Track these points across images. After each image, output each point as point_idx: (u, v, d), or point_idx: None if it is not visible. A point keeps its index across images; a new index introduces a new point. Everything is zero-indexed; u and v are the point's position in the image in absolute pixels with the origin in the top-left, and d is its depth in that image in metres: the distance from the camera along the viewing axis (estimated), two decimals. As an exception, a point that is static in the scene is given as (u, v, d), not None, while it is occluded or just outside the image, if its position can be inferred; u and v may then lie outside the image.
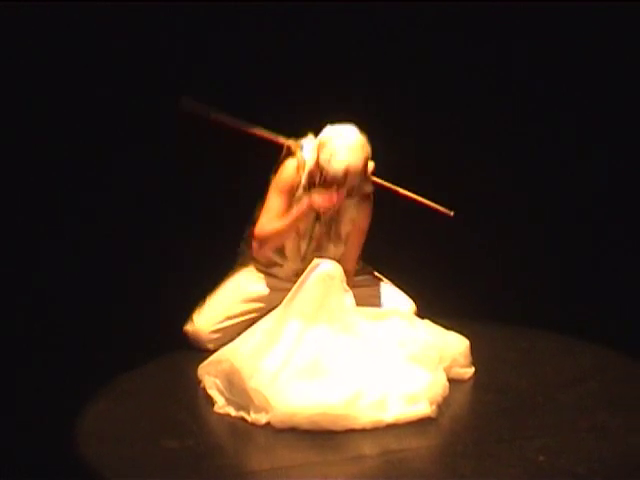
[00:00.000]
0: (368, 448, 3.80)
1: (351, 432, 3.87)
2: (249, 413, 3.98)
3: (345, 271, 4.33)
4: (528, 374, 4.43)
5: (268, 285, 4.69)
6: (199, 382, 4.26)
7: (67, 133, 5.42)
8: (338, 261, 4.37)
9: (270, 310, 4.36)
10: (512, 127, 5.78)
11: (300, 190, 4.52)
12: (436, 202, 4.79)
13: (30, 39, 5.25)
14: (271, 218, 4.51)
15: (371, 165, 4.51)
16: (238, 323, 4.60)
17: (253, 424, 3.95)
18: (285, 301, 4.23)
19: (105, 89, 5.42)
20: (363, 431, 3.88)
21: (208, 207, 5.50)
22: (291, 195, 4.53)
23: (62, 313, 4.99)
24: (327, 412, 3.88)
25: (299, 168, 4.53)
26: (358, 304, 4.32)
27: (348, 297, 4.28)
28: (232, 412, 4.05)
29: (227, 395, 4.09)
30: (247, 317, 4.62)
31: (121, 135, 5.47)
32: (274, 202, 4.52)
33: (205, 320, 4.65)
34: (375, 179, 4.61)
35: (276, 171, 4.58)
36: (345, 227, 4.61)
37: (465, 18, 5.66)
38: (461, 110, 5.75)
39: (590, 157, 5.77)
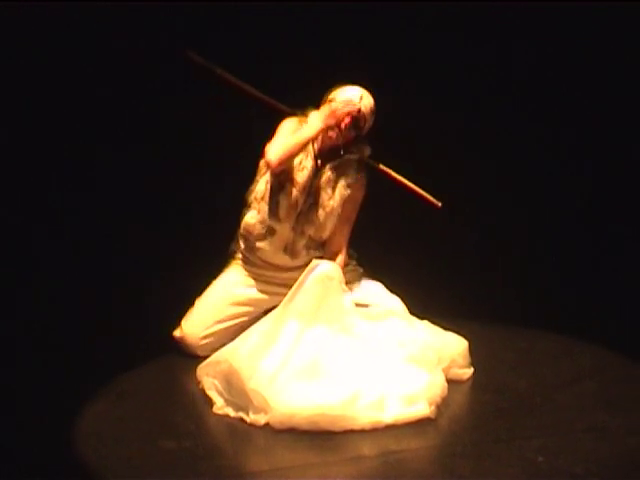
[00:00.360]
0: (367, 449, 3.80)
1: (350, 433, 3.87)
2: (248, 414, 3.99)
3: (334, 248, 4.45)
4: (527, 374, 4.43)
5: (256, 288, 4.69)
6: (198, 383, 4.27)
7: (66, 133, 5.42)
8: (326, 238, 4.50)
9: (259, 313, 4.43)
10: (512, 126, 5.78)
11: None
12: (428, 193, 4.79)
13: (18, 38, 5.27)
14: (282, 139, 4.51)
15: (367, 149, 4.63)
16: (227, 327, 4.61)
17: (252, 425, 3.95)
18: (284, 302, 4.23)
19: (105, 89, 5.43)
20: (362, 432, 3.88)
21: (208, 208, 5.50)
22: (293, 127, 4.57)
23: (61, 313, 4.99)
24: (326, 413, 3.88)
25: (301, 121, 4.58)
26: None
27: (347, 298, 4.29)
28: (231, 413, 4.05)
29: (226, 396, 4.10)
30: (237, 321, 4.63)
31: (121, 135, 5.48)
32: (282, 134, 4.54)
33: (193, 325, 4.63)
34: (370, 161, 4.66)
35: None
36: (340, 190, 4.60)
37: (464, 18, 5.66)
38: (461, 110, 5.75)
39: (590, 157, 5.78)
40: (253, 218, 4.64)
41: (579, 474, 3.56)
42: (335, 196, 4.58)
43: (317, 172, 4.59)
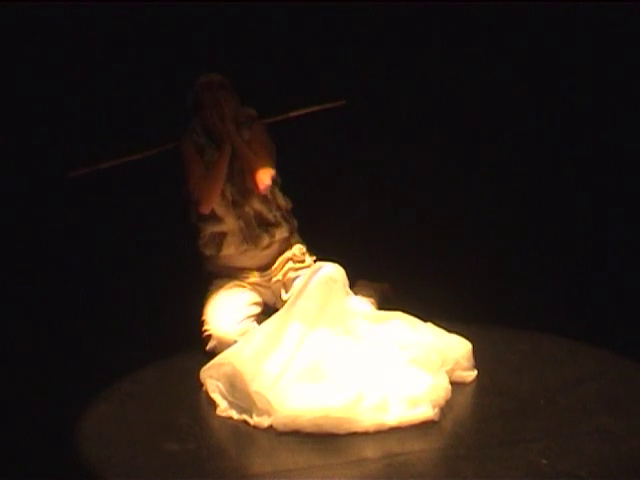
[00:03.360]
0: (370, 451, 3.80)
1: (353, 435, 3.87)
2: (251, 416, 3.99)
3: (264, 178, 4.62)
4: (530, 377, 4.43)
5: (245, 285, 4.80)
6: (201, 385, 4.27)
7: (67, 134, 5.43)
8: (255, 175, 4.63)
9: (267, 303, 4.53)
10: (512, 126, 5.78)
11: (196, 140, 4.75)
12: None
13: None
14: (197, 178, 4.69)
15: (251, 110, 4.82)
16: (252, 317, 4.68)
17: (255, 427, 3.95)
18: (287, 304, 4.24)
19: (104, 89, 5.44)
20: (365, 434, 3.88)
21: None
22: (191, 149, 4.74)
23: (64, 316, 5.00)
24: (329, 415, 3.88)
25: (188, 135, 4.76)
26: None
27: (350, 300, 4.29)
28: (234, 415, 4.05)
29: (229, 398, 4.10)
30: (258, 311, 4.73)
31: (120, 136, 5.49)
32: (191, 167, 4.71)
33: (225, 326, 4.60)
34: (262, 120, 4.82)
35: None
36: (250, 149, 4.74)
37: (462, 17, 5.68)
38: (460, 109, 5.75)
39: (590, 158, 5.78)
40: (203, 239, 4.80)
41: (583, 476, 3.55)
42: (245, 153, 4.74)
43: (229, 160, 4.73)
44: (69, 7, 5.32)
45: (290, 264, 4.77)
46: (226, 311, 4.64)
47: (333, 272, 4.26)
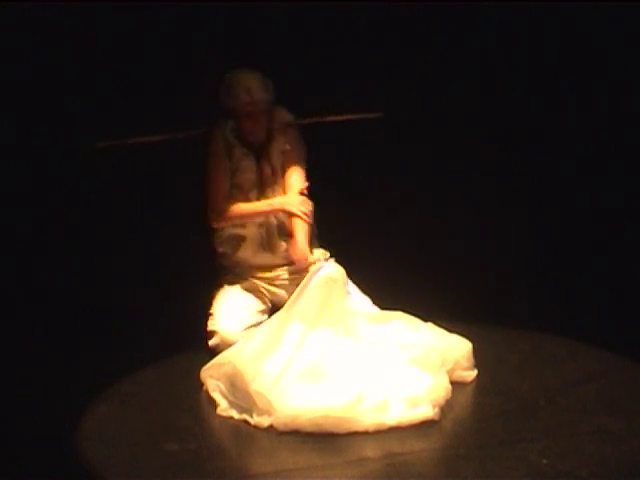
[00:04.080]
0: (371, 451, 3.80)
1: (353, 435, 3.87)
2: (252, 416, 3.99)
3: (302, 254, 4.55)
4: (530, 377, 4.43)
5: (253, 287, 4.76)
6: (202, 385, 4.27)
7: (66, 135, 5.43)
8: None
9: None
10: (511, 125, 5.78)
11: (227, 139, 4.68)
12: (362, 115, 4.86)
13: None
14: (221, 190, 4.67)
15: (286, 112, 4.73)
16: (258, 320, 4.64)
17: (256, 427, 3.96)
18: (287, 304, 4.24)
19: (104, 90, 5.44)
20: (365, 434, 3.88)
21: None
22: (219, 147, 4.69)
23: (64, 315, 5.00)
24: (330, 415, 3.88)
25: (220, 129, 4.69)
26: None
27: (350, 300, 4.29)
28: (235, 415, 4.05)
29: (230, 398, 4.10)
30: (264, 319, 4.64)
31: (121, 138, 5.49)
32: (216, 175, 4.68)
33: (229, 325, 4.59)
34: (296, 121, 4.76)
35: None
36: (277, 160, 4.71)
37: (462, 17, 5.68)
38: (460, 109, 5.75)
39: (590, 158, 5.77)
40: (219, 238, 4.78)
41: (583, 476, 3.56)
42: (275, 163, 4.72)
43: (258, 165, 4.70)
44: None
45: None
46: (235, 313, 4.63)
47: (333, 272, 4.26)
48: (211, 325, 4.62)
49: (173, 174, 5.33)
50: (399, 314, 4.50)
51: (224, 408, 4.09)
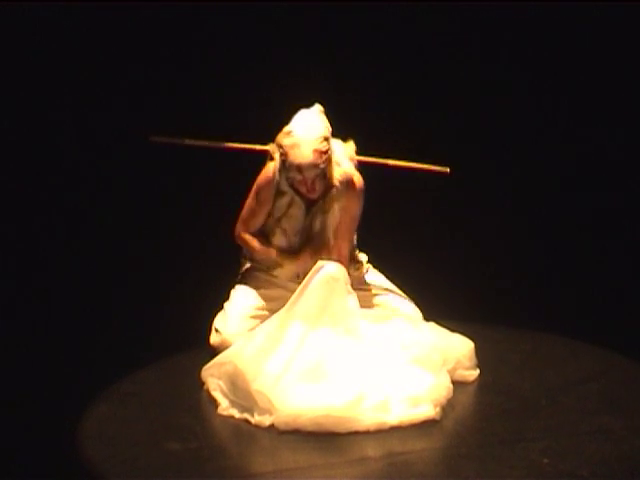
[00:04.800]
0: (372, 450, 3.80)
1: (355, 434, 3.87)
2: (253, 415, 3.99)
3: (335, 257, 4.40)
4: (531, 376, 4.43)
5: (278, 286, 4.63)
6: (202, 384, 4.26)
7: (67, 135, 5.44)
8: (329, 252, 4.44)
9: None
10: (511, 125, 5.78)
11: (280, 184, 4.50)
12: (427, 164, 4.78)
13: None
14: (246, 219, 4.57)
15: (351, 146, 4.56)
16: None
17: (257, 426, 3.95)
18: (288, 303, 4.23)
19: (105, 91, 5.44)
20: (367, 433, 3.88)
21: (209, 210, 5.50)
22: (267, 193, 4.52)
23: (64, 315, 5.00)
24: (331, 414, 3.88)
25: (275, 169, 4.50)
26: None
27: (352, 299, 4.28)
28: (236, 414, 4.05)
29: (231, 397, 4.10)
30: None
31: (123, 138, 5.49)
32: (250, 203, 4.55)
33: (231, 327, 4.53)
34: (360, 158, 4.60)
35: None
36: (335, 219, 4.54)
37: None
38: (461, 109, 5.75)
39: (590, 158, 5.77)
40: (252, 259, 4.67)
41: (584, 476, 3.55)
42: (331, 221, 4.55)
43: (308, 212, 4.53)
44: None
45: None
46: (246, 321, 4.55)
47: (334, 271, 4.25)
48: (218, 322, 4.59)
49: (189, 175, 5.35)
50: (400, 313, 4.50)
51: (225, 407, 4.09)
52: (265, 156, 4.56)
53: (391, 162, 4.70)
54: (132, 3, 5.32)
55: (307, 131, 4.34)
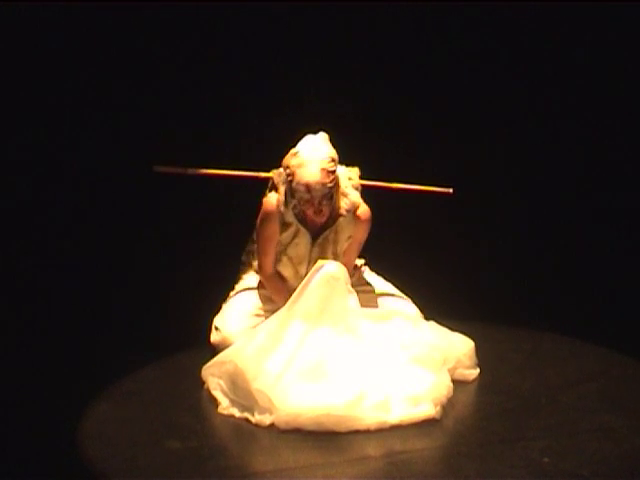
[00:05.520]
0: (372, 449, 3.80)
1: (355, 433, 3.87)
2: (253, 414, 3.99)
3: None
4: (531, 375, 4.43)
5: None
6: (203, 383, 4.26)
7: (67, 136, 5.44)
8: None
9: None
10: (511, 125, 5.78)
11: (284, 216, 4.47)
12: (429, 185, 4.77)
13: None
14: (262, 263, 4.53)
15: (355, 172, 4.54)
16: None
17: (257, 425, 3.95)
18: (289, 302, 4.23)
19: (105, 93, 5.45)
20: (367, 432, 3.88)
21: (209, 208, 5.51)
22: (273, 227, 4.48)
23: (64, 314, 5.00)
24: (331, 413, 3.88)
25: (278, 202, 4.47)
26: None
27: (352, 298, 4.28)
28: (236, 413, 4.05)
29: (231, 396, 4.10)
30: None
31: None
32: (262, 247, 4.52)
33: (232, 326, 4.54)
34: (363, 182, 4.58)
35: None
36: (343, 246, 4.54)
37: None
38: (461, 109, 5.75)
39: (590, 158, 5.78)
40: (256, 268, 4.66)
41: (584, 475, 3.55)
42: (338, 250, 4.54)
43: (314, 243, 4.51)
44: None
45: None
46: (246, 320, 4.56)
47: (335, 270, 4.25)
48: (218, 321, 4.59)
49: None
50: (400, 312, 4.51)
51: (225, 406, 4.09)
52: (265, 185, 4.57)
53: (395, 185, 4.71)
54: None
55: (314, 151, 4.35)
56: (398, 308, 4.59)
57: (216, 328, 4.57)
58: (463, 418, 4.07)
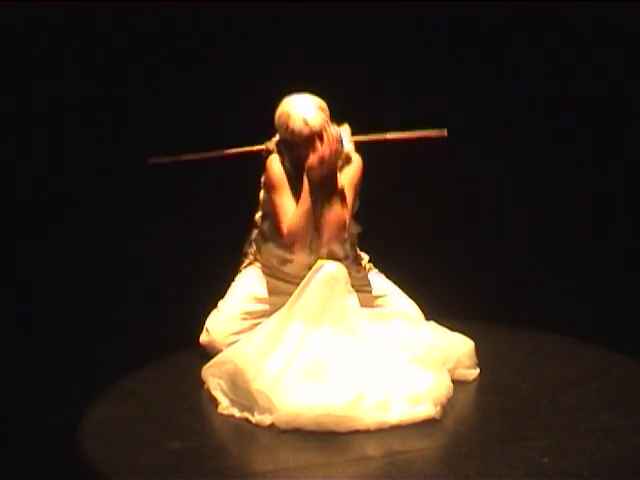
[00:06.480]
0: (372, 449, 3.79)
1: (355, 433, 3.86)
2: (253, 414, 3.98)
3: (334, 223, 4.38)
4: (531, 375, 4.43)
5: (279, 288, 4.60)
6: (203, 383, 4.26)
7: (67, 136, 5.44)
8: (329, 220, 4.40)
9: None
10: (510, 125, 5.78)
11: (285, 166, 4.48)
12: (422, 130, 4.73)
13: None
14: (284, 215, 4.44)
15: (346, 129, 4.55)
16: (253, 325, 4.49)
17: (257, 425, 3.95)
18: (289, 302, 4.23)
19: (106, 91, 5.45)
20: (367, 432, 3.87)
21: (209, 207, 5.51)
22: (283, 179, 4.47)
23: (64, 314, 5.00)
24: (331, 413, 3.87)
25: (277, 159, 4.49)
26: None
27: (352, 298, 4.28)
28: (236, 413, 4.05)
29: (231, 396, 4.10)
30: (262, 319, 4.48)
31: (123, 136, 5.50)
32: (280, 201, 4.46)
33: (220, 329, 4.55)
34: (357, 138, 4.58)
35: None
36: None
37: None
38: (461, 109, 5.75)
39: (590, 158, 5.78)
40: (264, 253, 4.61)
41: (584, 475, 3.55)
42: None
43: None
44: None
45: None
46: (234, 320, 4.55)
47: (335, 270, 4.25)
48: (209, 322, 4.60)
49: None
50: (400, 312, 4.51)
51: (225, 406, 4.09)
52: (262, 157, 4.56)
53: (389, 135, 4.66)
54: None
55: (302, 98, 4.42)
56: (398, 306, 4.60)
57: (207, 329, 4.58)
58: (463, 418, 4.06)
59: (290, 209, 4.44)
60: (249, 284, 4.65)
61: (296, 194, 4.45)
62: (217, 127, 5.17)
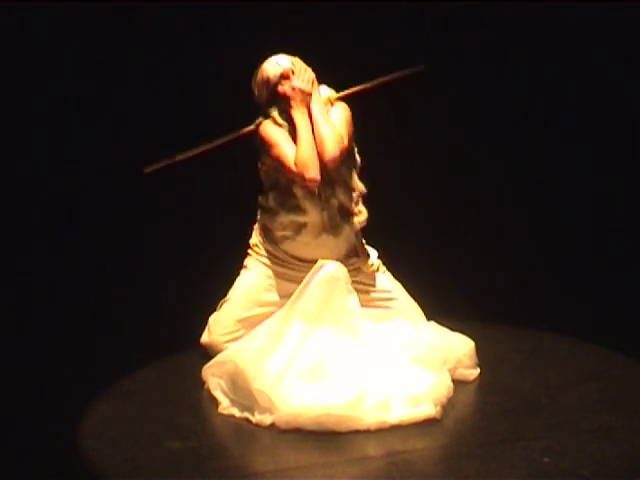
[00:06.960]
0: (372, 449, 3.80)
1: (355, 433, 3.87)
2: (253, 414, 3.99)
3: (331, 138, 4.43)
4: (532, 375, 4.43)
5: (282, 289, 4.59)
6: (203, 383, 4.27)
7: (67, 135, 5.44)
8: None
9: None
10: (510, 125, 5.78)
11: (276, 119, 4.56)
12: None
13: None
14: (290, 155, 4.46)
15: (325, 88, 4.65)
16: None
17: (257, 425, 3.95)
18: (289, 302, 4.23)
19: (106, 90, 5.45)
20: (367, 432, 3.88)
21: (209, 207, 5.51)
22: (285, 136, 4.52)
23: (64, 314, 5.00)
24: (331, 413, 3.88)
25: (273, 120, 4.57)
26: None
27: (352, 298, 4.29)
28: (236, 413, 4.05)
29: (231, 396, 4.10)
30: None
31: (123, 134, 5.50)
32: (282, 148, 4.49)
33: (221, 330, 4.55)
34: (339, 94, 4.66)
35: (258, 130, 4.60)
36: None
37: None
38: (461, 108, 5.75)
39: (590, 158, 5.77)
40: (281, 225, 4.57)
41: (584, 475, 3.55)
42: None
43: None
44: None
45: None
46: (236, 323, 4.55)
47: (335, 270, 4.26)
48: (211, 321, 4.60)
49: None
50: (401, 312, 4.51)
51: (225, 406, 4.09)
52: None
53: (369, 84, 4.72)
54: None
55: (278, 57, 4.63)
56: (398, 306, 4.60)
57: (208, 329, 4.58)
58: (463, 418, 4.07)
59: (294, 151, 4.47)
60: (252, 284, 4.64)
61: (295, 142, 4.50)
62: (217, 127, 5.15)
